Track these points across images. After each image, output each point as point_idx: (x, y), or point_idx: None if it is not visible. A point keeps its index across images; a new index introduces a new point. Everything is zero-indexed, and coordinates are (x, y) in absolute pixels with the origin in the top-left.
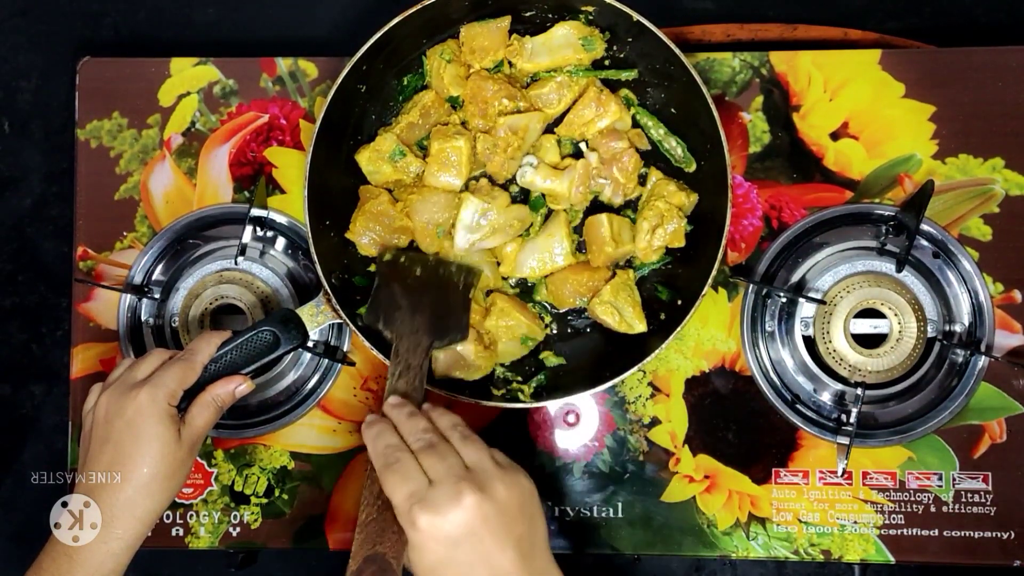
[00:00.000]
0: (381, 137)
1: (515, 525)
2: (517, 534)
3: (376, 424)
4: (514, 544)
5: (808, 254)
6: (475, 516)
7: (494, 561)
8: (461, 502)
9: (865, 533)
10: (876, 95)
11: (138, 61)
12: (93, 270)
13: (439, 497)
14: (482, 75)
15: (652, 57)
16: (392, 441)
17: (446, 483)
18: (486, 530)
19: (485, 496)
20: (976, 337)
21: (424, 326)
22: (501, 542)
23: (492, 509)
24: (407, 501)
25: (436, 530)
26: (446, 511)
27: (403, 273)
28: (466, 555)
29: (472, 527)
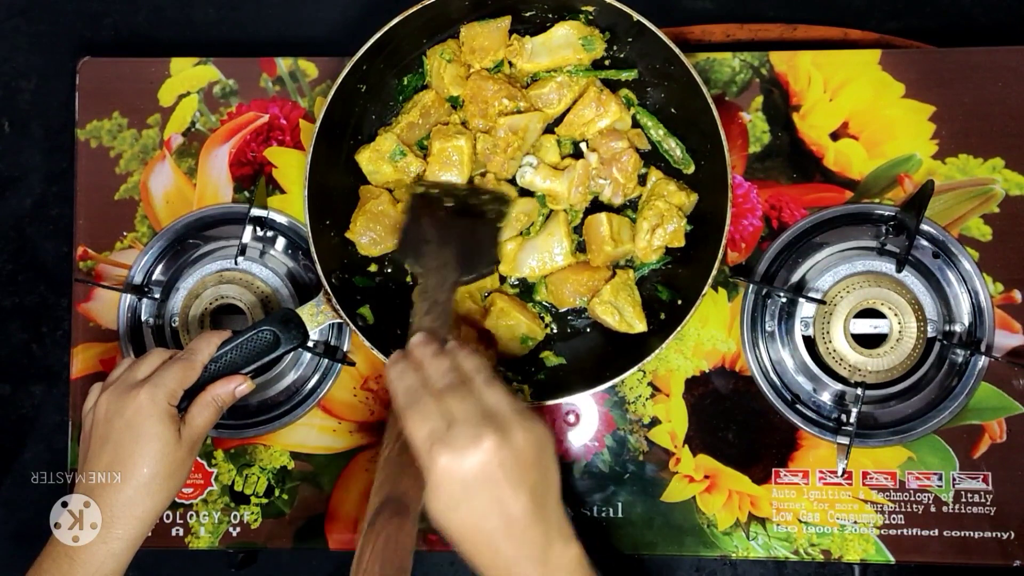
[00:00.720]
0: (381, 137)
1: (530, 472)
2: (531, 481)
3: (400, 362)
4: (528, 490)
5: (808, 254)
6: (492, 459)
7: (507, 505)
8: (480, 444)
9: (865, 533)
10: (876, 95)
11: (138, 61)
12: (93, 270)
13: (459, 437)
14: (482, 75)
15: (652, 57)
16: (415, 381)
17: (466, 424)
18: (502, 474)
19: (503, 440)
20: (976, 337)
21: (452, 260)
22: (515, 487)
23: (509, 454)
24: (427, 440)
25: (453, 470)
26: (465, 451)
27: (434, 205)
28: (480, 497)
29: (489, 470)
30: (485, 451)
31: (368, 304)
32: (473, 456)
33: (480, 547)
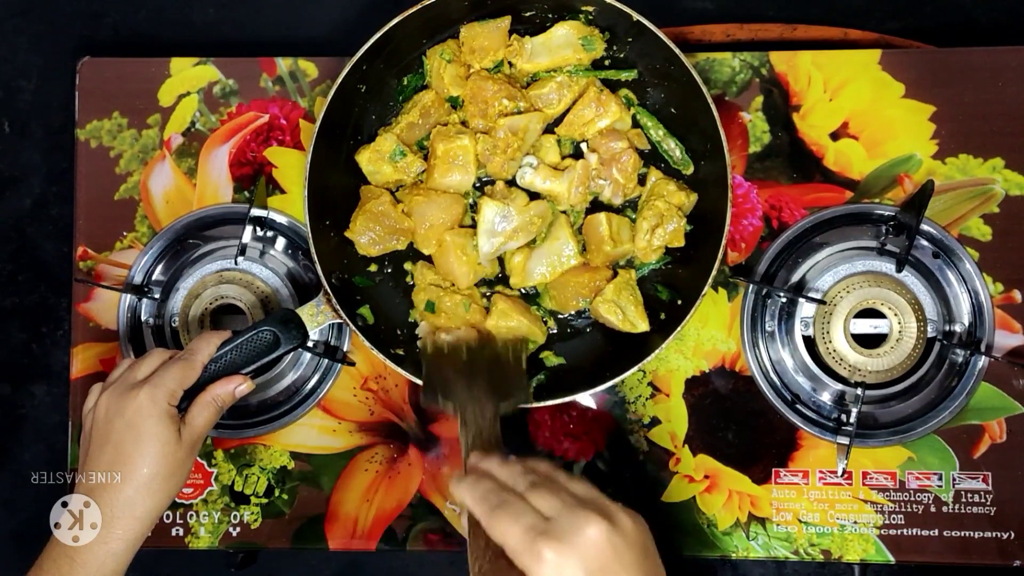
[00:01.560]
0: (381, 137)
1: (645, 561)
2: (645, 569)
3: (466, 477)
4: None
5: (808, 254)
6: (606, 546)
7: None
8: (587, 530)
9: (865, 533)
10: (876, 95)
11: (138, 61)
12: (93, 270)
13: (563, 526)
14: (482, 75)
15: (652, 57)
16: (492, 486)
17: (567, 513)
18: (618, 563)
19: (612, 525)
20: (976, 337)
21: (484, 393)
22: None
23: (621, 540)
24: (527, 535)
25: (564, 562)
26: (574, 539)
27: (451, 357)
28: None
29: (603, 559)
30: (596, 537)
31: (368, 304)
32: (584, 543)
33: None
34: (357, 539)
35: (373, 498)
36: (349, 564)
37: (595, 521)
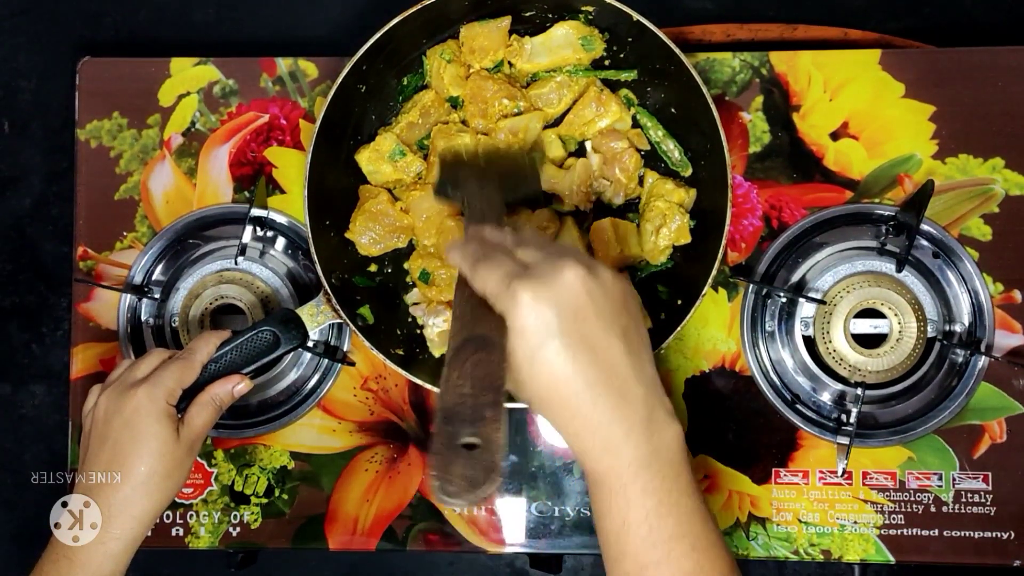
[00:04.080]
0: (381, 137)
1: (620, 315)
2: (623, 324)
3: (459, 240)
4: (620, 334)
5: (808, 254)
6: (580, 289)
7: (599, 346)
8: (564, 273)
9: (865, 533)
10: (876, 95)
11: (138, 61)
12: (93, 270)
13: (541, 270)
14: (482, 75)
15: (652, 57)
16: (480, 245)
17: (547, 260)
18: (591, 308)
19: (589, 272)
20: (976, 337)
21: (495, 187)
22: (606, 326)
23: (598, 288)
24: (504, 280)
25: (538, 302)
26: (549, 280)
27: (468, 160)
28: (570, 335)
29: (577, 302)
30: (572, 280)
31: (368, 304)
32: (559, 285)
33: (571, 404)
34: (357, 539)
35: (373, 498)
36: (349, 564)
37: (573, 266)
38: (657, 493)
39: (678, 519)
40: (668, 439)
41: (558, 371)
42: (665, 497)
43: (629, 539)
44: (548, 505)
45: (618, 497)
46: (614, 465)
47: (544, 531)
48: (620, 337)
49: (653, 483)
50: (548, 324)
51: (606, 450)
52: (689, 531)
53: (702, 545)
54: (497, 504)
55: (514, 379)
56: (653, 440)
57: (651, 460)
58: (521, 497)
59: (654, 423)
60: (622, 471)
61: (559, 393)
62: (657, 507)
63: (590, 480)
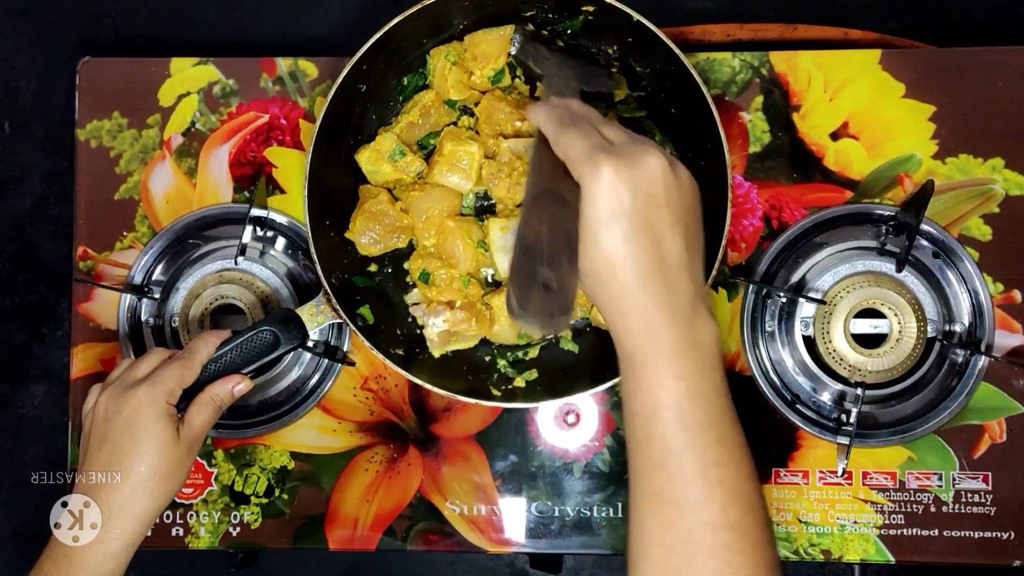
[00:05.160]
0: (381, 137)
1: (687, 213)
2: (687, 222)
3: (545, 103)
4: (683, 230)
5: (808, 254)
6: (659, 178)
7: (662, 236)
8: (647, 159)
9: (865, 533)
10: (876, 95)
11: (138, 61)
12: (93, 270)
13: (625, 150)
14: (496, 95)
15: (652, 57)
16: (568, 113)
17: (633, 143)
18: (664, 198)
19: (670, 167)
20: (976, 337)
21: (572, 72)
22: (674, 220)
23: (674, 181)
24: (590, 149)
25: (618, 179)
26: (632, 162)
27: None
28: (639, 218)
29: (653, 189)
30: (653, 166)
31: (368, 304)
32: (640, 167)
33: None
34: (357, 539)
35: (373, 498)
36: (349, 564)
37: (656, 155)
38: (690, 379)
39: (707, 410)
40: (706, 334)
41: (620, 249)
42: (697, 385)
43: (657, 422)
44: (548, 505)
45: (651, 377)
46: (653, 345)
47: (544, 531)
48: (682, 233)
49: (688, 369)
50: (622, 203)
51: (648, 331)
52: (718, 423)
53: (728, 441)
54: (497, 504)
55: (586, 233)
56: (693, 331)
57: (689, 348)
58: (521, 497)
59: (697, 316)
60: (659, 353)
61: (615, 270)
62: (688, 393)
63: (625, 360)
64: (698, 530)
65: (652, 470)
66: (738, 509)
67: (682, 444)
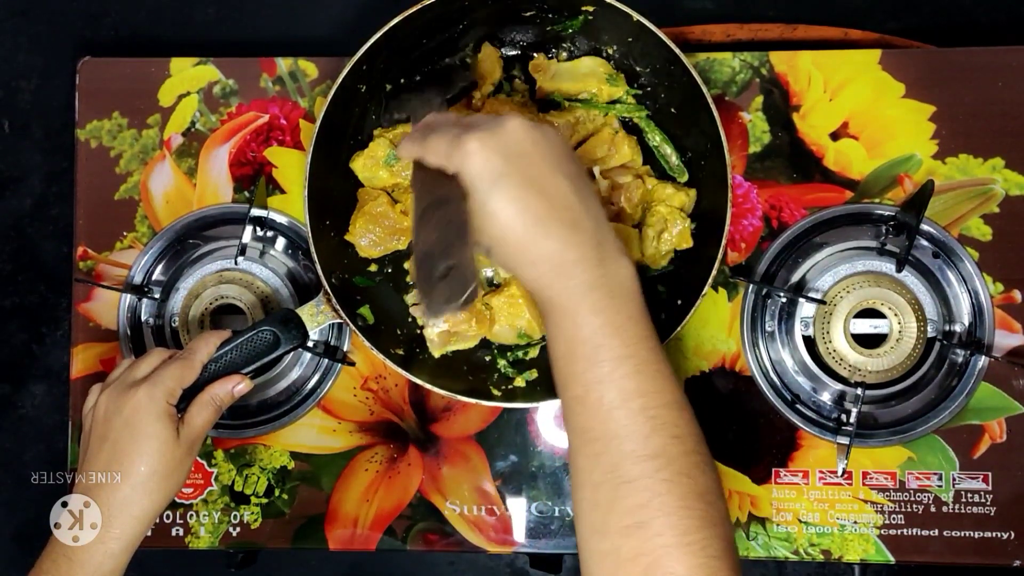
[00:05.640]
0: (375, 143)
1: (564, 161)
2: (567, 169)
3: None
4: (565, 175)
5: (808, 254)
6: (524, 136)
7: (547, 183)
8: (507, 123)
9: (865, 533)
10: (876, 95)
11: (138, 61)
12: (93, 270)
13: (485, 123)
14: (499, 100)
15: (652, 57)
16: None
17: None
18: (536, 152)
19: (530, 124)
20: (976, 337)
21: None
22: (552, 168)
23: (540, 135)
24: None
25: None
26: (493, 129)
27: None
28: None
29: (522, 147)
30: (514, 127)
31: (368, 304)
32: (502, 131)
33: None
34: (357, 539)
35: (373, 498)
36: (349, 564)
37: (514, 117)
38: (604, 313)
39: (624, 340)
40: (618, 269)
41: (509, 210)
42: (612, 317)
43: (576, 360)
44: (548, 505)
45: (567, 318)
46: (566, 287)
47: (544, 531)
48: (566, 177)
49: (601, 303)
50: (496, 167)
51: (558, 275)
52: (635, 354)
53: (649, 371)
54: (497, 504)
55: (480, 226)
56: (603, 266)
57: (601, 283)
58: (521, 497)
59: (605, 252)
60: (572, 291)
61: (512, 230)
62: (603, 326)
63: (544, 310)
64: (622, 463)
65: (576, 408)
66: (661, 438)
67: (599, 377)
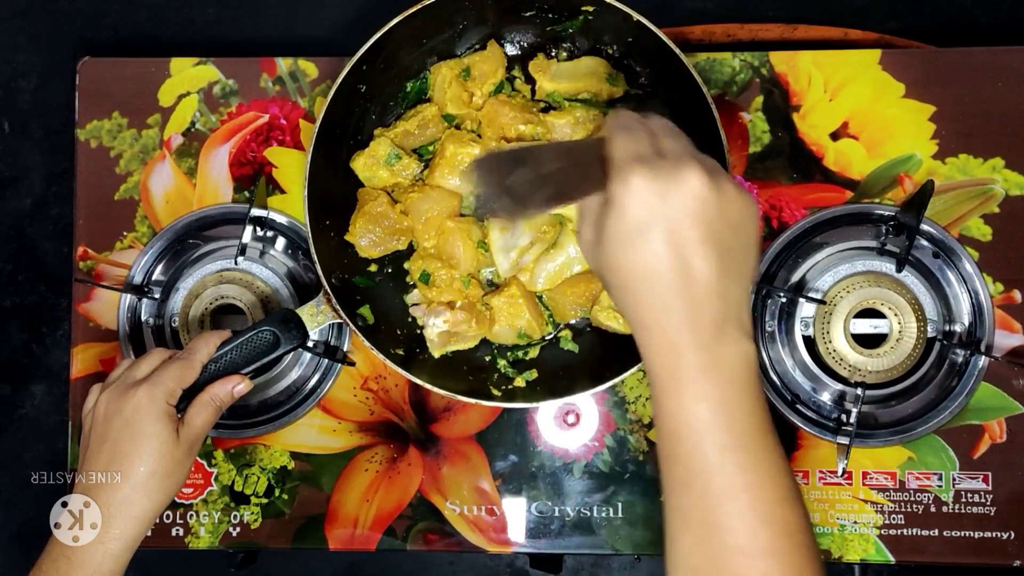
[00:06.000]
0: (376, 142)
1: (725, 231)
2: (726, 241)
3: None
4: (718, 251)
5: (808, 254)
6: (695, 192)
7: (691, 253)
8: (686, 172)
9: (865, 533)
10: (876, 95)
11: (138, 61)
12: (93, 270)
13: (666, 165)
14: (500, 99)
15: (652, 57)
16: (632, 118)
17: (678, 157)
18: (699, 214)
19: (713, 184)
20: (976, 337)
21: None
22: (706, 238)
23: (713, 196)
24: (630, 157)
25: (649, 188)
26: (669, 174)
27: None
28: (662, 233)
29: (688, 203)
30: (690, 181)
31: (368, 304)
32: (676, 181)
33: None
34: (357, 539)
35: (373, 498)
36: (349, 564)
37: (698, 169)
38: (713, 402)
39: (734, 433)
40: (734, 354)
41: (643, 263)
42: (722, 408)
43: (680, 442)
44: (548, 505)
45: (673, 397)
46: (674, 365)
47: (544, 531)
48: (716, 251)
49: (710, 392)
50: (651, 215)
51: (670, 350)
52: (746, 447)
53: (761, 466)
54: (497, 504)
55: (599, 251)
56: (718, 351)
57: (711, 371)
58: (521, 497)
59: (723, 337)
60: (681, 373)
61: (637, 284)
62: (711, 416)
63: (650, 374)
64: (726, 555)
65: (680, 489)
66: (771, 535)
67: (706, 467)
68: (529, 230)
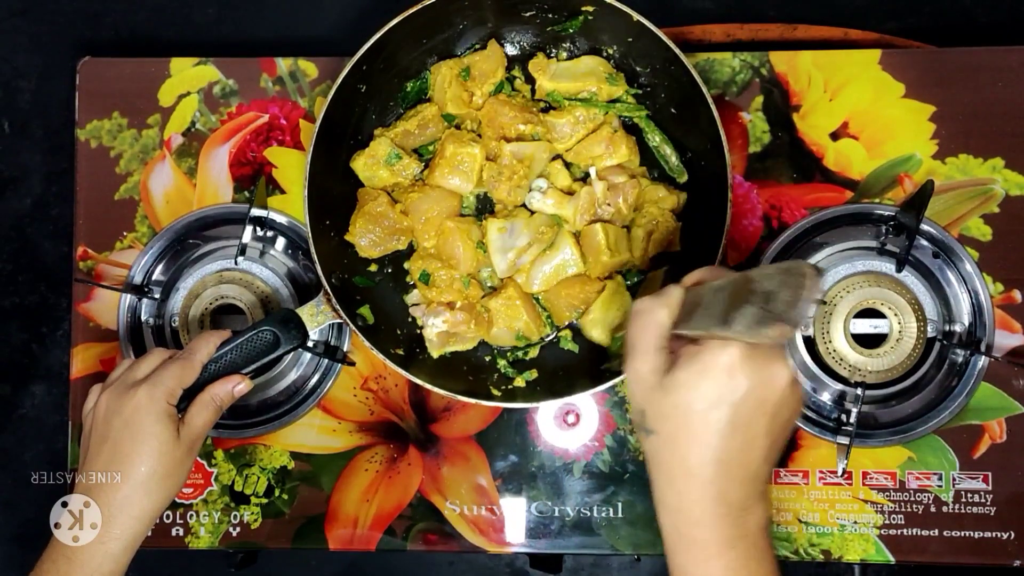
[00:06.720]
0: (376, 142)
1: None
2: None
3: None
4: (771, 443)
5: (808, 254)
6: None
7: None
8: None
9: (865, 533)
10: (876, 95)
11: (138, 61)
12: (93, 270)
13: (763, 350)
14: (500, 99)
15: (652, 57)
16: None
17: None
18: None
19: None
20: (976, 337)
21: None
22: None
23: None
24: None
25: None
26: (762, 358)
27: None
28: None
29: (769, 393)
30: (778, 373)
31: (368, 304)
32: (766, 368)
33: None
34: (357, 539)
35: (373, 498)
36: (349, 564)
37: (785, 365)
38: (737, 570)
39: None
40: (755, 522)
41: (707, 429)
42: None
43: None
44: (548, 505)
45: (700, 567)
46: (704, 538)
47: (544, 531)
48: (771, 440)
49: (736, 563)
50: (733, 392)
51: (700, 522)
52: None
53: None
54: (497, 504)
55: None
56: (745, 523)
57: (738, 542)
58: (521, 497)
59: (749, 509)
60: (709, 545)
61: (690, 446)
62: None
63: (672, 538)
64: None
65: None
66: None
67: None
68: (527, 230)
